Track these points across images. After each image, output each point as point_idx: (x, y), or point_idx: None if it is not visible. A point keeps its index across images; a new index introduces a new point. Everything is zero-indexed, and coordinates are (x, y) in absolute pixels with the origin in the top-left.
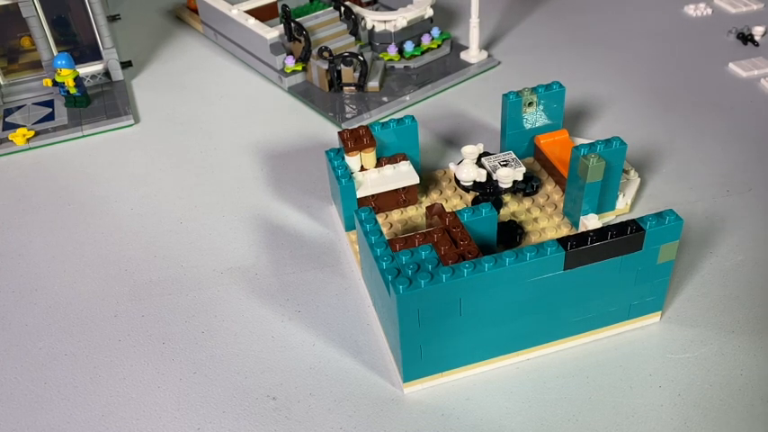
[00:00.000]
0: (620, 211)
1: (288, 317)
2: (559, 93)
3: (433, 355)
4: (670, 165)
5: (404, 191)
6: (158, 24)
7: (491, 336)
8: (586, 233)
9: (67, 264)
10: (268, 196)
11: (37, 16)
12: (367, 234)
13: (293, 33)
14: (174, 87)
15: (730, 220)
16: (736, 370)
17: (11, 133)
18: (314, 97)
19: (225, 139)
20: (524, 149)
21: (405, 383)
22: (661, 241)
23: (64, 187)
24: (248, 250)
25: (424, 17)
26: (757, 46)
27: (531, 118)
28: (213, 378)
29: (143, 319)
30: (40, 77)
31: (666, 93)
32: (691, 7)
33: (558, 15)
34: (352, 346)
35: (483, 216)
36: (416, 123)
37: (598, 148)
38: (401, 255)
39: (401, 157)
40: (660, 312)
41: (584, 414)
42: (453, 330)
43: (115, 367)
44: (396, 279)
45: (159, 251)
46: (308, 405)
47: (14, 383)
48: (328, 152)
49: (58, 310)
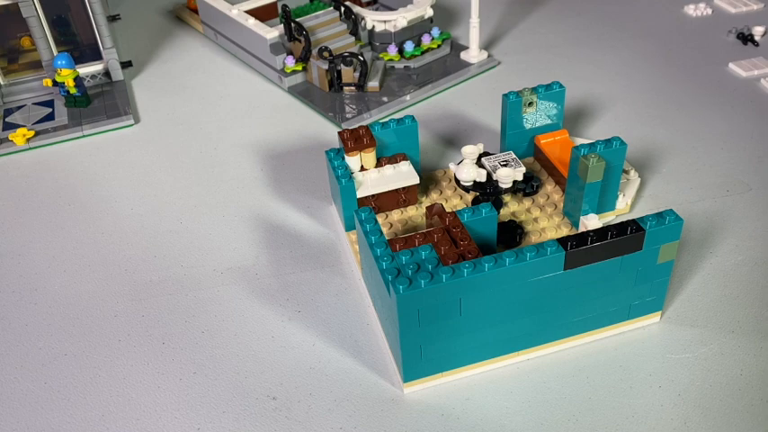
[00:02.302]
0: (621, 211)
1: (288, 317)
2: (559, 93)
3: (433, 355)
4: (670, 165)
5: (404, 191)
6: (158, 24)
7: (491, 336)
8: (586, 233)
9: (67, 264)
10: (268, 196)
11: (37, 16)
12: (367, 234)
13: (293, 33)
14: (174, 87)
15: (730, 220)
16: (736, 370)
17: (11, 133)
18: (314, 97)
19: (225, 139)
20: (524, 149)
21: (405, 383)
22: (661, 241)
23: (64, 187)
24: (248, 250)
25: (424, 17)
26: (757, 46)
27: (531, 118)
28: (213, 378)
29: (143, 319)
30: (40, 77)
31: (666, 93)
32: (691, 7)
33: (558, 15)
34: (353, 346)
35: (483, 216)
36: (416, 123)
37: (598, 148)
38: (401, 255)
39: (401, 157)
40: (660, 312)
41: (584, 414)
42: (453, 330)
43: (115, 367)
44: (396, 279)
45: (159, 251)
46: (308, 405)
47: (14, 383)
48: (328, 152)
49: (58, 310)
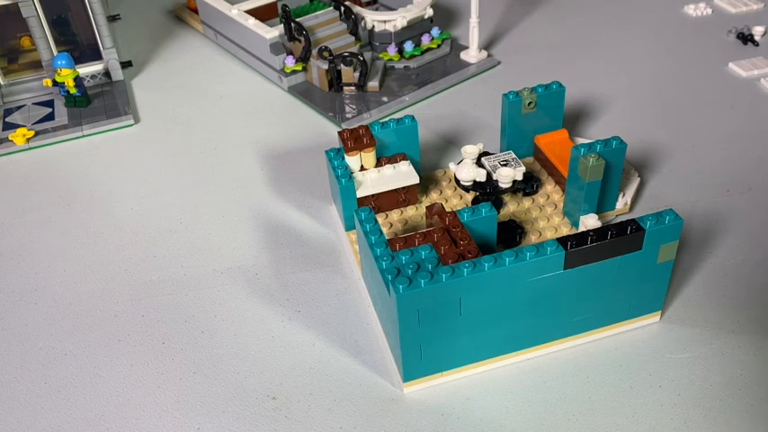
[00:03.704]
0: (620, 211)
1: (288, 317)
2: (559, 92)
3: (433, 355)
4: (670, 165)
5: (404, 191)
6: (158, 24)
7: (491, 335)
8: (586, 233)
9: (67, 264)
10: (268, 196)
11: (37, 16)
12: (367, 234)
13: (293, 33)
14: (174, 87)
15: (730, 220)
16: (736, 370)
17: (11, 133)
18: (314, 97)
19: (225, 139)
20: (524, 149)
21: (405, 383)
22: (661, 241)
23: (64, 187)
24: (248, 250)
25: (424, 17)
26: (757, 46)
27: (530, 117)
28: (213, 378)
29: (143, 319)
30: (40, 77)
31: (666, 92)
32: (691, 7)
33: (558, 15)
34: (353, 345)
35: (483, 216)
36: (416, 123)
37: (597, 148)
38: (401, 254)
39: (401, 157)
40: (660, 312)
41: (584, 414)
42: (453, 330)
43: (115, 367)
44: (396, 279)
45: (159, 251)
46: (308, 405)
47: (14, 383)
48: (328, 152)
49: (58, 310)
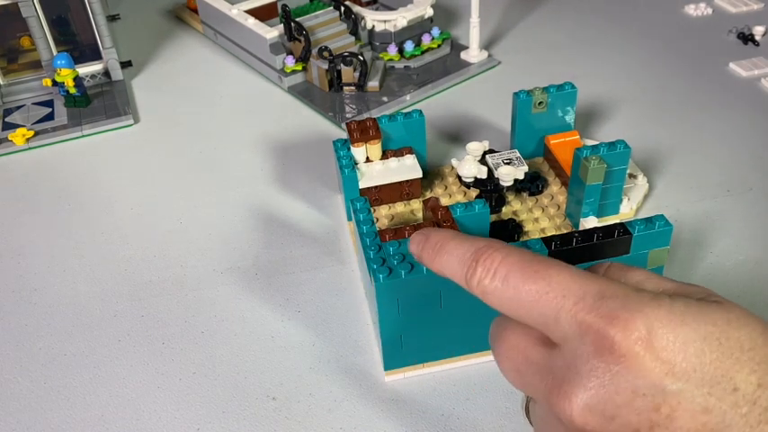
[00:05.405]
0: (625, 216)
1: (288, 317)
2: (571, 93)
3: (414, 346)
4: (671, 164)
5: (407, 184)
6: (158, 24)
7: (473, 331)
8: (572, 233)
9: (67, 264)
10: (268, 196)
11: (37, 16)
12: (359, 223)
13: (293, 33)
14: (174, 87)
15: (730, 220)
16: None
17: (10, 133)
18: (314, 97)
19: (225, 139)
20: (534, 149)
21: (386, 371)
22: (649, 246)
23: (64, 187)
24: (248, 250)
25: (424, 17)
26: (757, 46)
27: (541, 117)
28: (213, 378)
29: (143, 319)
30: (40, 77)
31: (666, 92)
32: (691, 7)
33: (558, 15)
34: (352, 345)
35: (476, 212)
36: (424, 117)
37: (601, 151)
38: (388, 245)
39: (407, 151)
40: None
41: None
42: (433, 322)
43: (115, 367)
44: (379, 268)
45: (159, 251)
46: (308, 405)
47: (14, 383)
48: (335, 142)
49: (58, 310)
